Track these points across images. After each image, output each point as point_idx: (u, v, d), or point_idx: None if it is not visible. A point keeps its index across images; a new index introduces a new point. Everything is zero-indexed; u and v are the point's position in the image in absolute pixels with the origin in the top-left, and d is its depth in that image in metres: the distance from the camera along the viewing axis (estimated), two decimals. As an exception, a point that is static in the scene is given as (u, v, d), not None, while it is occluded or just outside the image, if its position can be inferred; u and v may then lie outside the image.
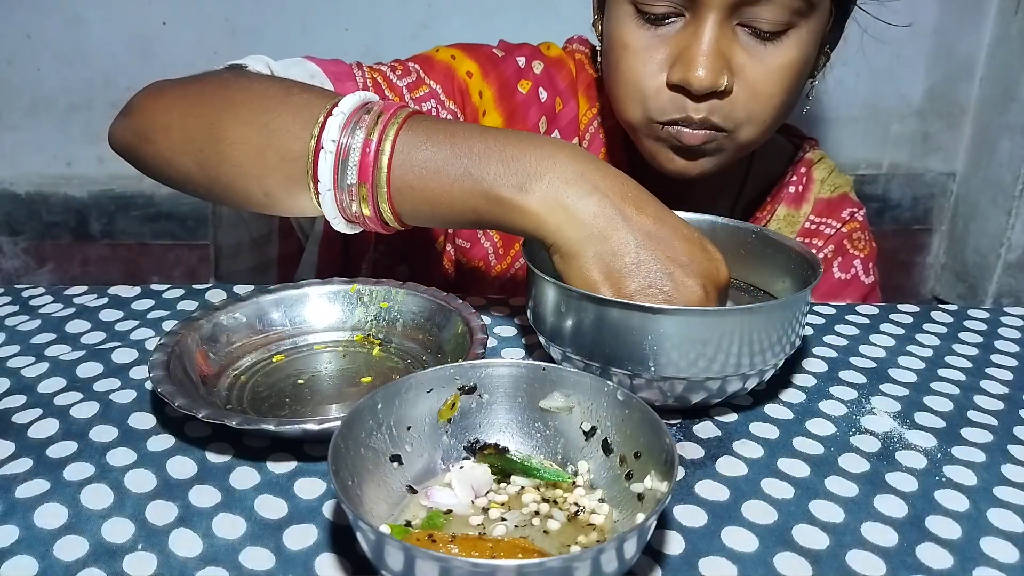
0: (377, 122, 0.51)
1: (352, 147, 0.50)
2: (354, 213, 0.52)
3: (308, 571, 0.38)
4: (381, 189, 0.51)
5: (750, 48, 0.63)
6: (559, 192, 0.48)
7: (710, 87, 0.62)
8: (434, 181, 0.50)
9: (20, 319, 0.62)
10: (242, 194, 0.56)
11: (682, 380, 0.47)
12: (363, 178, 0.51)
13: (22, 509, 0.41)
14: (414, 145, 0.51)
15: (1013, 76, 1.45)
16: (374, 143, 0.50)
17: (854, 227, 0.82)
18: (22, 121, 1.36)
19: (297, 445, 0.46)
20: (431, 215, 0.52)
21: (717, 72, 0.62)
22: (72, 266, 1.51)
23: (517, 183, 0.49)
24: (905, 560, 0.39)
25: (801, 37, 0.63)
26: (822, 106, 1.48)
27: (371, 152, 0.50)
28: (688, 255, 0.48)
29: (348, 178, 0.51)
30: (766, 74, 0.63)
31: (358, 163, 0.50)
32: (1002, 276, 1.52)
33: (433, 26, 1.36)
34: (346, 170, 0.51)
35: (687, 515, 0.42)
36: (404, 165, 0.50)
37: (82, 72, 1.34)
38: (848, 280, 0.81)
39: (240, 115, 0.55)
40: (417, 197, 0.51)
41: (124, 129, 0.61)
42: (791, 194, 0.82)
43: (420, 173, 0.50)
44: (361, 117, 0.51)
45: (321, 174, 0.51)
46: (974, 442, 0.49)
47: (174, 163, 0.58)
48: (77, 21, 1.31)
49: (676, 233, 0.49)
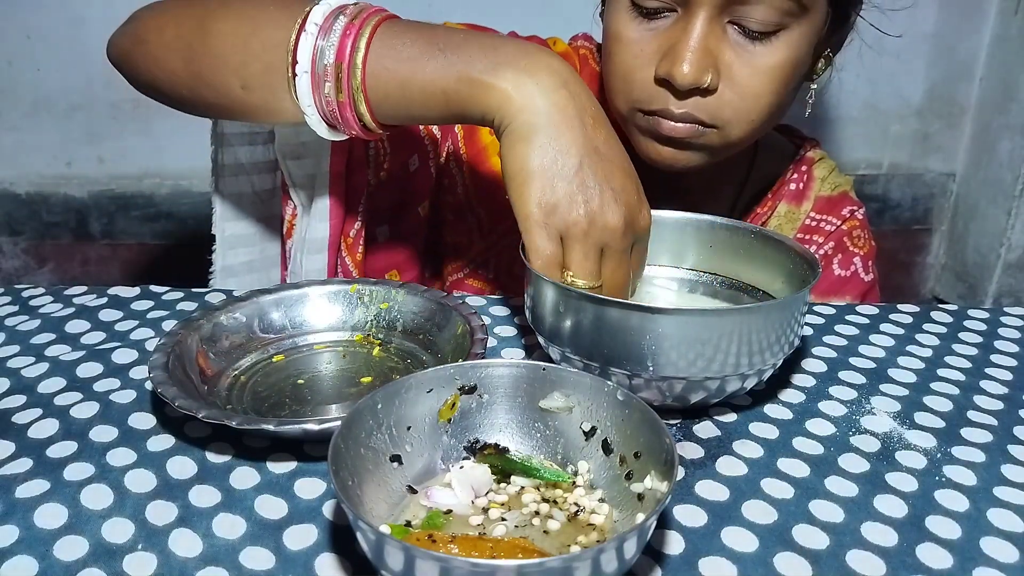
0: (363, 11, 0.53)
1: (334, 28, 0.52)
2: (326, 97, 0.53)
3: (308, 571, 0.38)
4: (356, 68, 0.52)
5: (739, 47, 0.63)
6: (529, 78, 0.50)
7: (693, 83, 0.62)
8: (409, 63, 0.52)
9: (20, 319, 0.62)
10: (221, 88, 0.57)
11: (681, 380, 0.47)
12: (340, 56, 0.52)
13: (22, 509, 0.41)
14: (396, 31, 0.53)
15: (1013, 76, 1.45)
16: (357, 25, 0.53)
17: (854, 225, 0.83)
18: (22, 121, 1.36)
19: (297, 445, 0.46)
20: (401, 100, 0.53)
21: (701, 69, 0.62)
22: (72, 266, 1.51)
23: (490, 66, 0.50)
24: (905, 560, 0.39)
25: (792, 39, 0.63)
26: (822, 106, 1.48)
27: (352, 33, 0.52)
28: (622, 184, 0.50)
29: (326, 57, 0.52)
30: (753, 74, 0.63)
31: (337, 41, 0.52)
32: (1002, 276, 1.52)
33: (433, 26, 1.36)
34: (325, 50, 0.52)
35: (687, 515, 0.42)
36: (383, 47, 0.52)
37: (82, 72, 1.34)
38: (848, 277, 0.81)
39: (231, 9, 0.57)
40: (390, 79, 0.52)
41: (121, 36, 0.64)
42: (792, 191, 0.83)
43: (397, 55, 0.52)
44: (346, 7, 0.54)
45: (300, 53, 0.53)
46: (974, 442, 0.49)
47: (162, 62, 0.60)
48: (77, 21, 1.31)
49: (620, 161, 0.51)
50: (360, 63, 0.52)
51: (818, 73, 0.71)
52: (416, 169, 0.76)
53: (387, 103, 0.54)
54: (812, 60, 0.69)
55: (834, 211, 0.83)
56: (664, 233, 0.61)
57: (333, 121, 0.56)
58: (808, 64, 0.68)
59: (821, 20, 0.65)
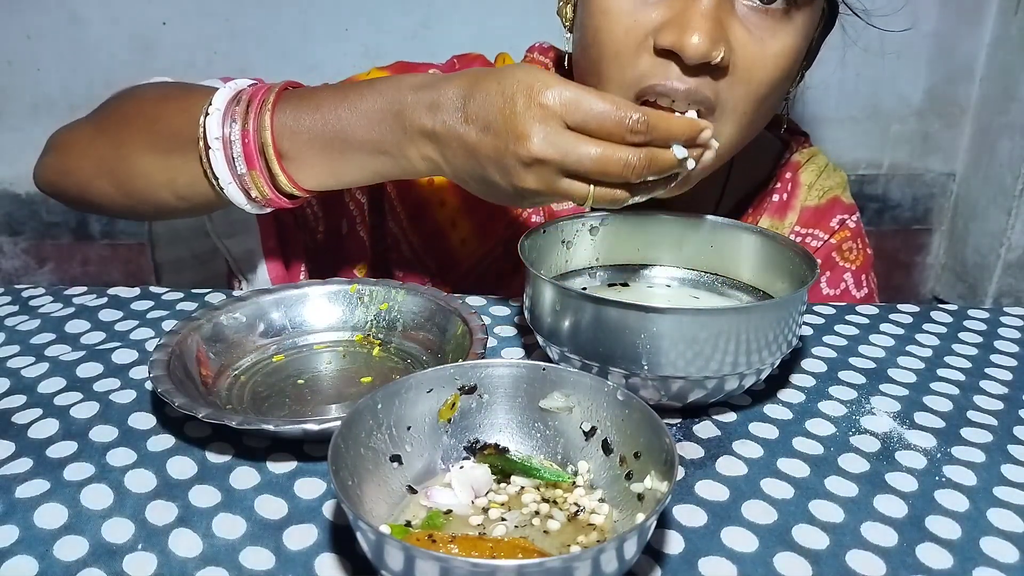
0: (248, 110, 0.55)
1: (233, 140, 0.55)
2: (255, 198, 0.57)
3: (308, 571, 0.38)
4: (274, 166, 0.55)
5: (751, 24, 0.57)
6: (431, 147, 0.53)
7: (704, 56, 0.54)
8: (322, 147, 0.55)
9: (20, 319, 0.62)
10: (159, 202, 0.60)
11: (679, 379, 0.47)
12: (251, 164, 0.55)
13: (22, 509, 0.41)
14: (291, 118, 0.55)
15: (1013, 76, 1.45)
16: (251, 131, 0.55)
17: (844, 236, 0.77)
18: (22, 121, 1.36)
19: (297, 445, 0.46)
20: (331, 176, 0.57)
21: (714, 40, 0.54)
22: (72, 266, 1.51)
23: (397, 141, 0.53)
24: (905, 560, 0.39)
25: (802, 25, 0.59)
26: (822, 106, 1.48)
27: (251, 140, 0.55)
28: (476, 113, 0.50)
29: (239, 167, 0.55)
30: (763, 57, 0.58)
31: (242, 152, 0.55)
32: (1002, 276, 1.52)
33: (433, 26, 1.36)
34: (235, 161, 0.55)
35: (687, 515, 0.42)
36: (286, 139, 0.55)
37: (82, 72, 1.34)
38: (837, 296, 0.76)
39: (135, 128, 0.59)
40: (311, 164, 0.56)
41: (44, 168, 0.65)
42: (775, 203, 0.77)
43: (304, 145, 0.55)
44: (233, 109, 0.55)
45: (217, 170, 0.55)
46: (974, 442, 0.49)
47: (92, 188, 0.62)
48: (77, 21, 1.31)
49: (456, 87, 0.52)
50: (275, 159, 0.55)
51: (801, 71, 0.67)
52: (347, 233, 0.76)
53: (318, 182, 0.57)
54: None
55: (822, 223, 0.77)
56: (664, 232, 0.61)
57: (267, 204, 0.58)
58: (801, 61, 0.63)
59: (819, 14, 0.61)
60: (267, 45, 1.34)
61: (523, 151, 0.49)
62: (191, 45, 1.34)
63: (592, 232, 0.61)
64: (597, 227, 0.61)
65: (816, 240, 0.77)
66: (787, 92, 0.66)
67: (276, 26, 1.34)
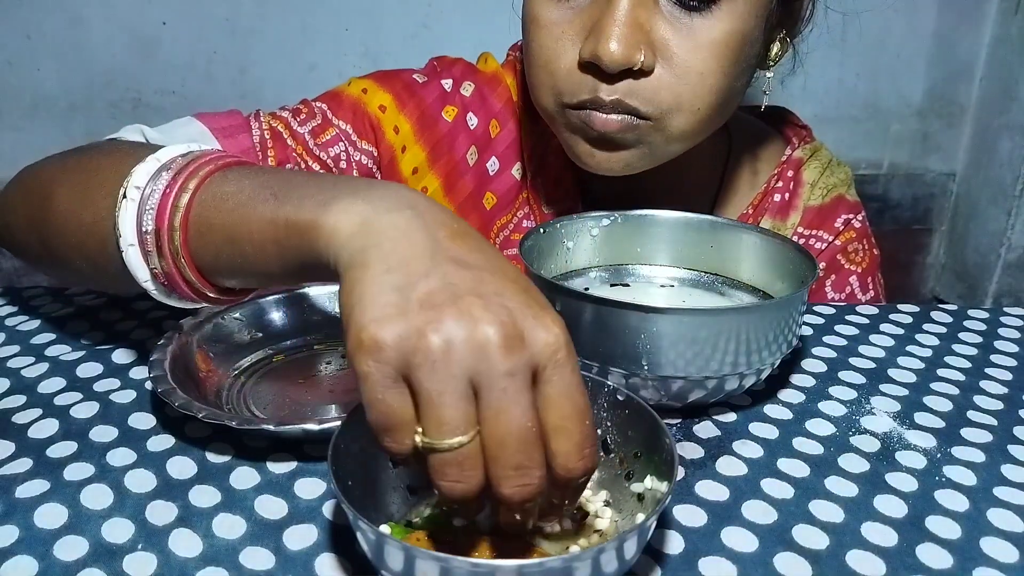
0: (193, 161, 0.44)
1: (155, 191, 0.44)
2: (153, 268, 0.45)
3: (308, 571, 0.38)
4: (175, 232, 0.43)
5: (675, 20, 0.55)
6: (363, 203, 0.37)
7: (623, 63, 0.54)
8: (235, 215, 0.42)
9: (20, 319, 0.62)
10: (71, 267, 0.51)
11: (679, 379, 0.47)
12: (159, 220, 0.43)
13: (22, 509, 0.41)
14: (231, 179, 0.43)
15: (1013, 76, 1.45)
16: (180, 180, 0.43)
17: (849, 237, 0.74)
18: (22, 121, 1.36)
19: (297, 445, 0.46)
20: (234, 258, 0.43)
21: (631, 46, 0.54)
22: (72, 266, 1.51)
23: (320, 203, 0.38)
24: (905, 560, 0.39)
25: (736, 8, 0.56)
26: (822, 106, 1.48)
27: (173, 191, 0.43)
28: (497, 289, 0.33)
29: (145, 223, 0.44)
30: (694, 50, 0.55)
31: (157, 204, 0.43)
32: (1002, 276, 1.52)
33: (433, 26, 1.36)
34: (143, 215, 0.44)
35: (687, 515, 0.42)
36: (210, 199, 0.43)
37: (82, 72, 1.34)
38: (842, 300, 0.74)
39: (66, 184, 0.50)
40: (216, 237, 0.42)
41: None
42: (777, 203, 0.74)
43: (221, 208, 0.42)
44: (175, 161, 0.45)
45: (123, 225, 0.44)
46: (974, 442, 0.49)
47: (28, 248, 0.55)
48: (77, 21, 1.31)
49: (495, 268, 0.35)
50: (179, 225, 0.43)
51: (773, 60, 0.64)
52: None
53: (219, 264, 0.44)
54: (764, 41, 0.62)
55: (826, 223, 0.74)
56: (664, 232, 0.61)
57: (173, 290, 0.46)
58: (759, 44, 0.61)
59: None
60: (267, 45, 1.34)
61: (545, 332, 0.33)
62: (191, 45, 1.34)
63: (592, 232, 0.61)
64: (597, 227, 0.61)
65: (820, 242, 0.74)
66: (750, 74, 0.63)
67: (276, 26, 1.34)
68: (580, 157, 0.62)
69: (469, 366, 0.31)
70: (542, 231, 0.58)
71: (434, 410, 0.32)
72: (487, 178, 0.74)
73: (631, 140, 0.59)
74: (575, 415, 0.33)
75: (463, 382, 0.32)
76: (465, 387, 0.32)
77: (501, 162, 0.74)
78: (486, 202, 0.74)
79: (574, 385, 0.33)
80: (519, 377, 0.32)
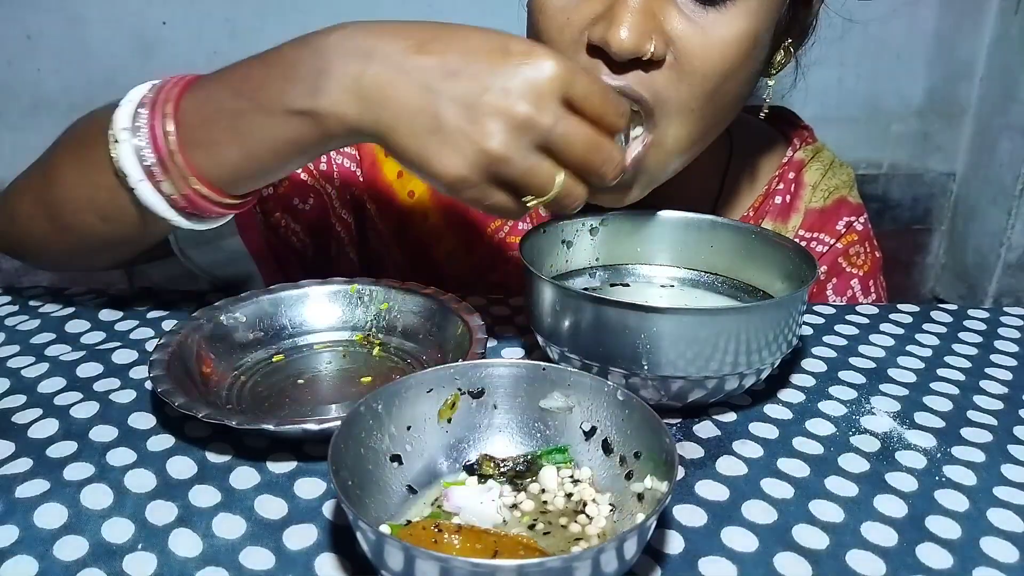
0: (158, 95, 0.48)
1: (140, 126, 0.48)
2: (172, 196, 0.49)
3: (308, 571, 0.38)
4: (176, 158, 0.47)
5: (689, 13, 0.53)
6: (348, 88, 0.44)
7: (632, 51, 0.52)
8: (229, 127, 0.47)
9: (20, 319, 0.62)
10: (85, 229, 0.54)
11: (679, 379, 0.47)
12: (158, 152, 0.47)
13: (22, 509, 0.41)
14: (197, 101, 0.48)
15: (1013, 76, 1.45)
16: (158, 115, 0.48)
17: (851, 240, 0.74)
18: (22, 121, 1.36)
19: (297, 445, 0.46)
20: (247, 164, 0.48)
21: (642, 34, 0.52)
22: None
23: (308, 90, 0.44)
24: (905, 560, 0.39)
25: (751, 8, 0.54)
26: (822, 106, 1.48)
27: (156, 121, 0.47)
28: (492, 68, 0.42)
29: (147, 159, 0.48)
30: (706, 47, 0.53)
31: (149, 139, 0.47)
32: (1002, 276, 1.52)
33: (433, 26, 1.36)
34: (141, 151, 0.48)
35: (687, 515, 0.42)
36: (191, 124, 0.47)
37: (82, 72, 1.34)
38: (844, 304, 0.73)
39: (66, 149, 0.54)
40: (222, 153, 0.47)
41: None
42: (778, 205, 0.74)
43: (211, 126, 0.47)
44: (145, 96, 0.49)
45: (125, 166, 0.48)
46: (974, 442, 0.49)
47: (34, 232, 0.57)
48: (77, 21, 1.31)
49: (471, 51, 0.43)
50: (177, 149, 0.47)
51: (776, 67, 0.63)
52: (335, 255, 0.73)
53: (235, 175, 0.49)
54: (771, 47, 0.60)
55: (828, 226, 0.74)
56: (664, 232, 0.61)
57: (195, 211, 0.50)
58: (767, 48, 0.59)
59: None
60: (267, 45, 1.34)
61: (509, 102, 0.42)
62: (191, 45, 1.34)
63: (592, 232, 0.61)
64: (597, 227, 0.61)
65: (822, 245, 0.74)
66: (754, 81, 0.61)
67: (276, 26, 1.34)
68: None
69: (531, 140, 0.42)
70: (542, 231, 0.58)
71: (528, 186, 0.44)
72: None
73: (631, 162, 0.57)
74: (601, 96, 0.44)
75: (533, 151, 0.43)
76: (536, 153, 0.43)
77: None
78: None
79: (585, 82, 0.44)
80: (561, 121, 0.43)
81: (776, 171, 0.75)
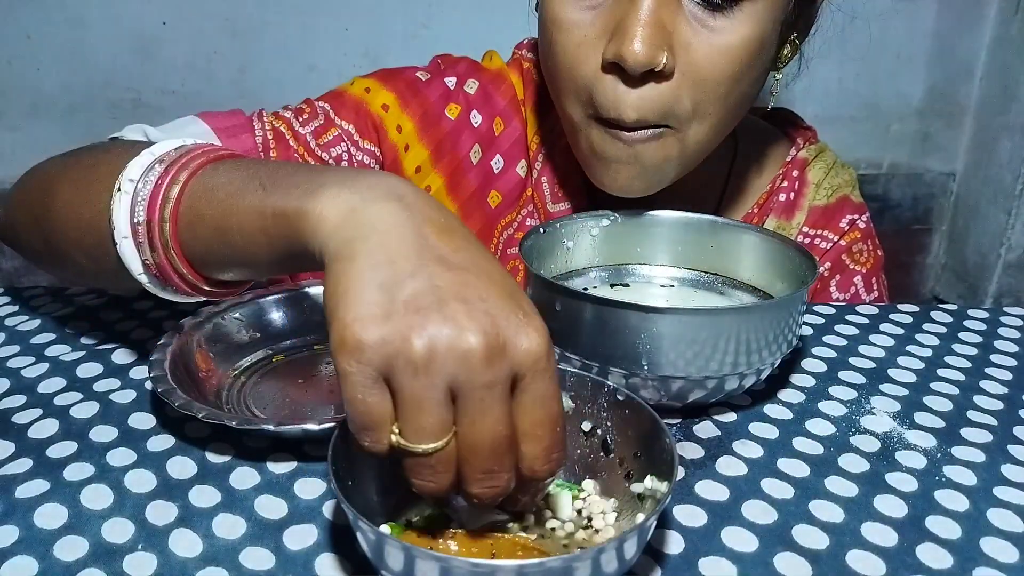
0: (185, 154, 0.45)
1: (147, 183, 0.45)
2: (146, 260, 0.45)
3: (308, 571, 0.38)
4: (165, 223, 0.44)
5: (697, 22, 0.55)
6: (350, 192, 0.38)
7: (646, 63, 0.53)
8: (224, 206, 0.42)
9: (20, 319, 0.62)
10: (74, 264, 0.52)
11: (679, 379, 0.47)
12: (150, 212, 0.44)
13: (22, 509, 0.41)
14: (220, 171, 0.44)
15: (1013, 76, 1.45)
16: (172, 172, 0.44)
17: (854, 238, 0.75)
18: (22, 121, 1.36)
19: (297, 445, 0.46)
20: (222, 250, 0.43)
21: (655, 47, 0.53)
22: (72, 266, 1.51)
23: (307, 192, 0.39)
24: (905, 560, 0.39)
25: (757, 12, 0.55)
26: (822, 106, 1.48)
27: (164, 182, 0.44)
28: (482, 295, 0.34)
29: (137, 214, 0.44)
30: (714, 54, 0.55)
31: (148, 196, 0.44)
32: (1002, 276, 1.52)
33: (433, 26, 1.36)
34: (136, 206, 0.44)
35: (687, 515, 0.42)
36: (201, 191, 0.44)
37: (82, 72, 1.34)
38: (847, 301, 0.74)
39: (66, 181, 0.51)
40: (205, 228, 0.43)
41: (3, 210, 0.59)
42: (781, 203, 0.74)
43: (211, 199, 0.43)
44: (168, 154, 0.46)
45: (117, 218, 0.45)
46: (974, 442, 0.49)
47: (31, 243, 0.55)
48: (77, 21, 1.31)
49: (481, 270, 0.35)
50: (169, 216, 0.44)
51: (783, 61, 0.64)
52: None
53: (209, 255, 0.44)
54: (777, 44, 0.61)
55: (831, 223, 0.75)
56: (664, 232, 0.61)
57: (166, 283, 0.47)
58: (773, 48, 0.61)
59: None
60: (267, 45, 1.34)
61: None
62: (191, 45, 1.34)
63: (592, 232, 0.61)
64: (597, 227, 0.61)
65: (825, 242, 0.75)
66: (764, 78, 0.63)
67: (276, 26, 1.34)
68: (603, 180, 0.62)
69: (450, 373, 0.32)
70: (542, 231, 0.58)
71: (412, 415, 0.33)
72: (491, 176, 0.74)
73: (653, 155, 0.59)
74: (547, 422, 0.34)
75: (442, 389, 0.33)
76: (444, 394, 0.33)
77: (505, 160, 0.74)
78: (491, 200, 0.74)
79: (550, 393, 0.34)
80: (498, 388, 0.33)
81: (780, 169, 0.76)
